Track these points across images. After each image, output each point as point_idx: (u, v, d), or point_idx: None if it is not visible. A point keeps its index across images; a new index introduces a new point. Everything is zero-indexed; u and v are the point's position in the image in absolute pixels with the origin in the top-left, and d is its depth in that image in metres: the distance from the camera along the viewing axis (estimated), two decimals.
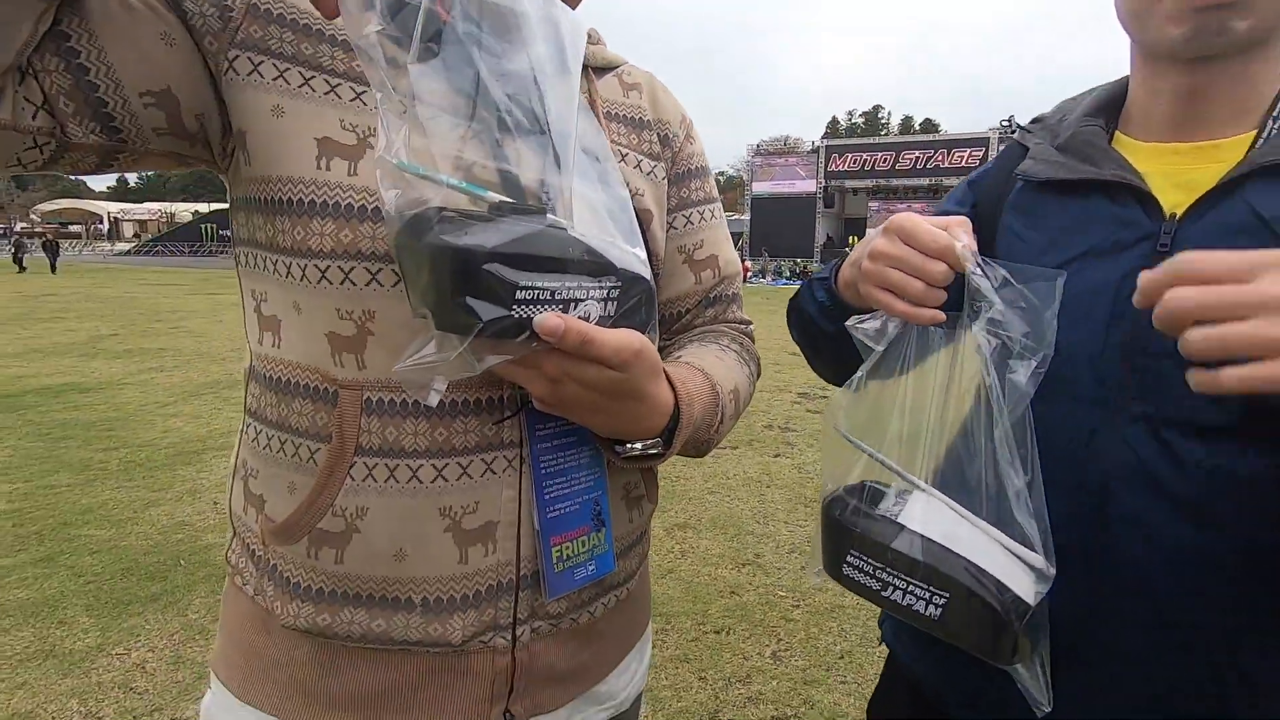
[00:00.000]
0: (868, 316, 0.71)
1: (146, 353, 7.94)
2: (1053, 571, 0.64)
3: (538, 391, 0.59)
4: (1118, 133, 0.76)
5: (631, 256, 0.58)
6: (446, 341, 0.50)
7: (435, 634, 0.64)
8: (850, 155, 33.45)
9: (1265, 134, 0.66)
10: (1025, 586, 0.63)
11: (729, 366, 0.80)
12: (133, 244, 50.67)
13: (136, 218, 64.66)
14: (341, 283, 0.61)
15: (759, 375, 0.90)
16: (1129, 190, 0.69)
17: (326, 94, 0.62)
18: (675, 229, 0.83)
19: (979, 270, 0.65)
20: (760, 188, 34.42)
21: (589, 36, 0.81)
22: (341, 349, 0.63)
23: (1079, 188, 0.72)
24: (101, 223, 64.08)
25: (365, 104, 0.63)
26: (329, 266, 0.61)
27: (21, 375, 6.53)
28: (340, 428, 0.62)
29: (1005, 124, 29.24)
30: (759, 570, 3.16)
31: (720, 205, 0.89)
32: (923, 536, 0.64)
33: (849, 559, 0.69)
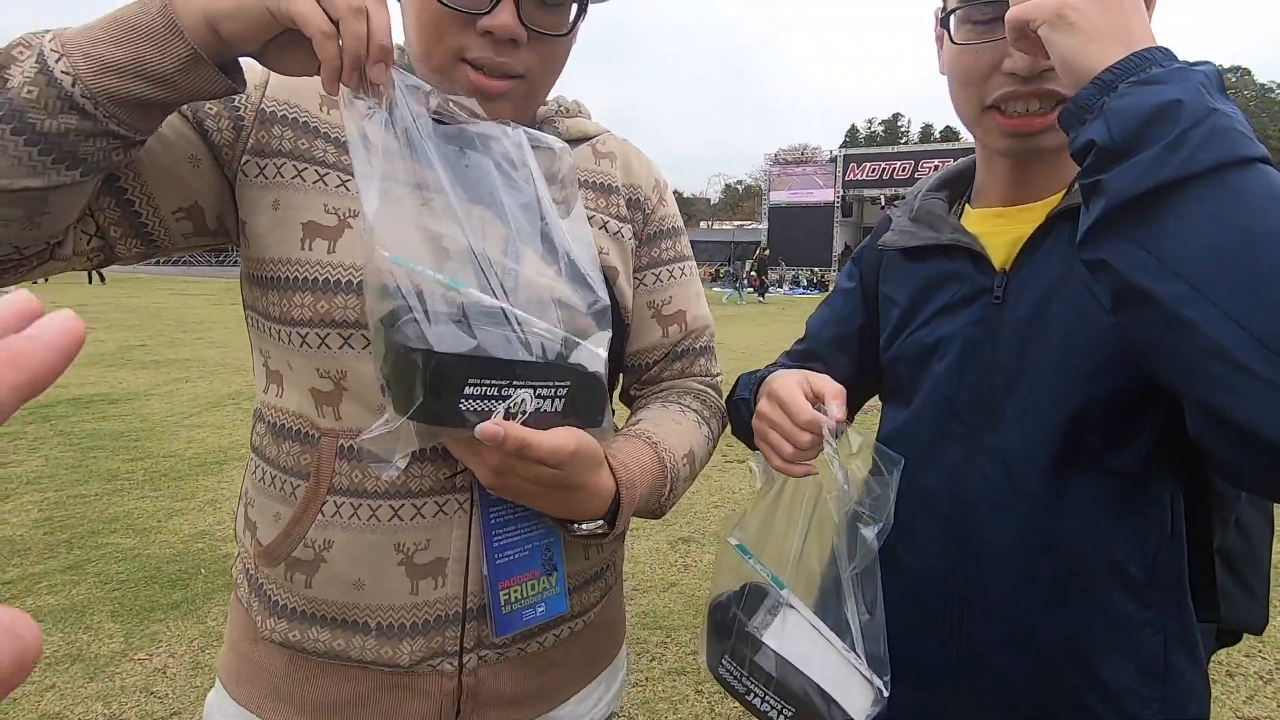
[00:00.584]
0: (759, 457, 0.85)
1: (173, 363, 8.16)
2: (887, 695, 0.74)
3: (482, 478, 0.67)
4: (967, 206, 0.87)
5: (588, 351, 0.67)
6: (395, 417, 0.59)
7: (386, 656, 0.72)
8: (869, 164, 33.29)
9: (1067, 191, 0.75)
10: (860, 705, 0.74)
11: (685, 430, 0.86)
12: None
13: None
14: (319, 347, 0.71)
15: (723, 428, 0.97)
16: (965, 252, 0.79)
17: (315, 183, 0.72)
18: (645, 285, 0.91)
19: (834, 449, 0.77)
20: (778, 197, 34.39)
21: (568, 110, 0.90)
22: (323, 402, 0.72)
23: (928, 253, 0.83)
24: None
25: (349, 189, 0.73)
26: (308, 333, 0.71)
27: (56, 386, 6.75)
28: (317, 469, 0.72)
29: None
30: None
31: (693, 264, 0.97)
32: (780, 656, 0.75)
33: (724, 662, 0.80)
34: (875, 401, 0.99)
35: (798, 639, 0.76)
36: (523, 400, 0.61)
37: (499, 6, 0.68)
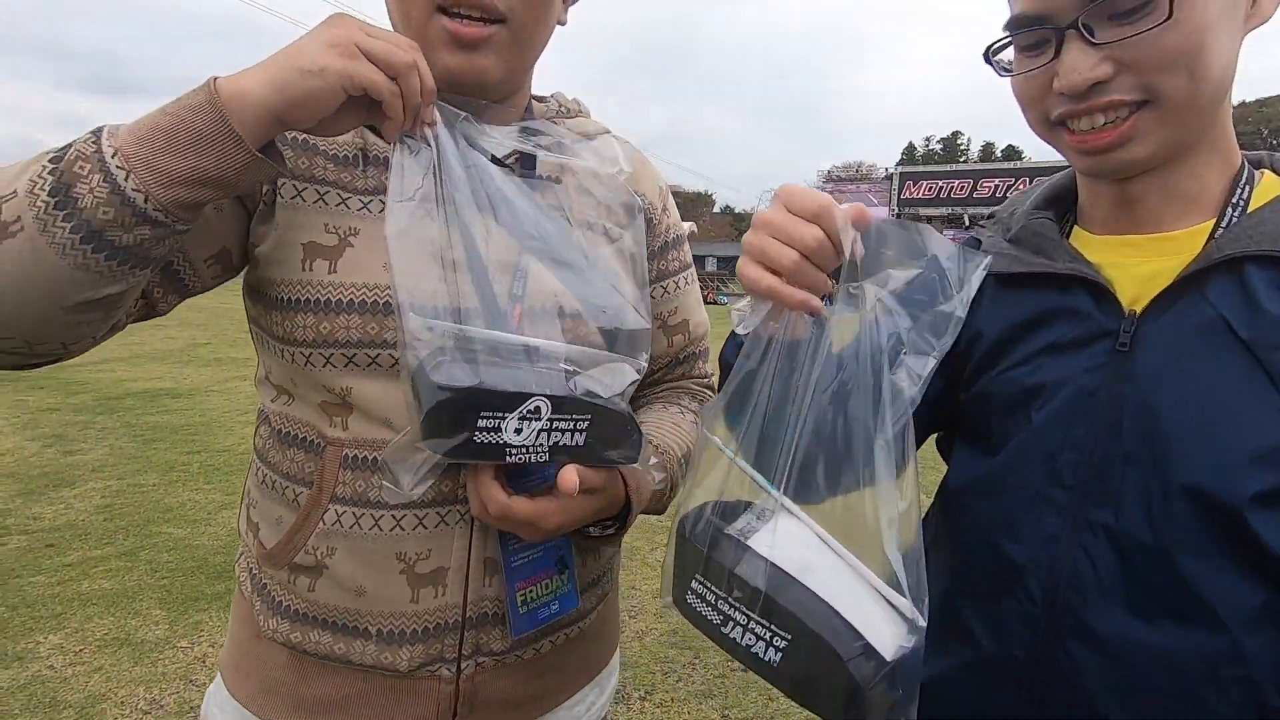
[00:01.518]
0: (743, 302, 0.64)
1: (234, 362, 8.52)
2: (922, 623, 0.56)
3: (476, 512, 0.70)
4: (1076, 226, 0.75)
5: (599, 384, 0.67)
6: (419, 441, 0.61)
7: (386, 661, 0.73)
8: (926, 182, 32.62)
9: (1225, 222, 0.64)
10: (885, 636, 0.54)
11: (684, 431, 0.87)
12: None
13: None
14: (323, 366, 0.71)
15: None
16: (1084, 284, 0.67)
17: (315, 202, 0.72)
18: (654, 298, 0.90)
19: (852, 252, 0.57)
20: None
21: (568, 109, 0.88)
22: (332, 414, 0.73)
23: (1034, 281, 0.70)
24: None
25: (349, 207, 0.73)
26: (311, 354, 0.71)
27: (124, 379, 7.12)
28: (321, 478, 0.72)
29: None
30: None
31: (693, 269, 0.97)
32: (769, 563, 0.55)
33: (693, 584, 0.60)
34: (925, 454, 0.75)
35: (797, 545, 0.57)
36: (539, 432, 0.63)
37: None
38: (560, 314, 0.71)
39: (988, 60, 0.69)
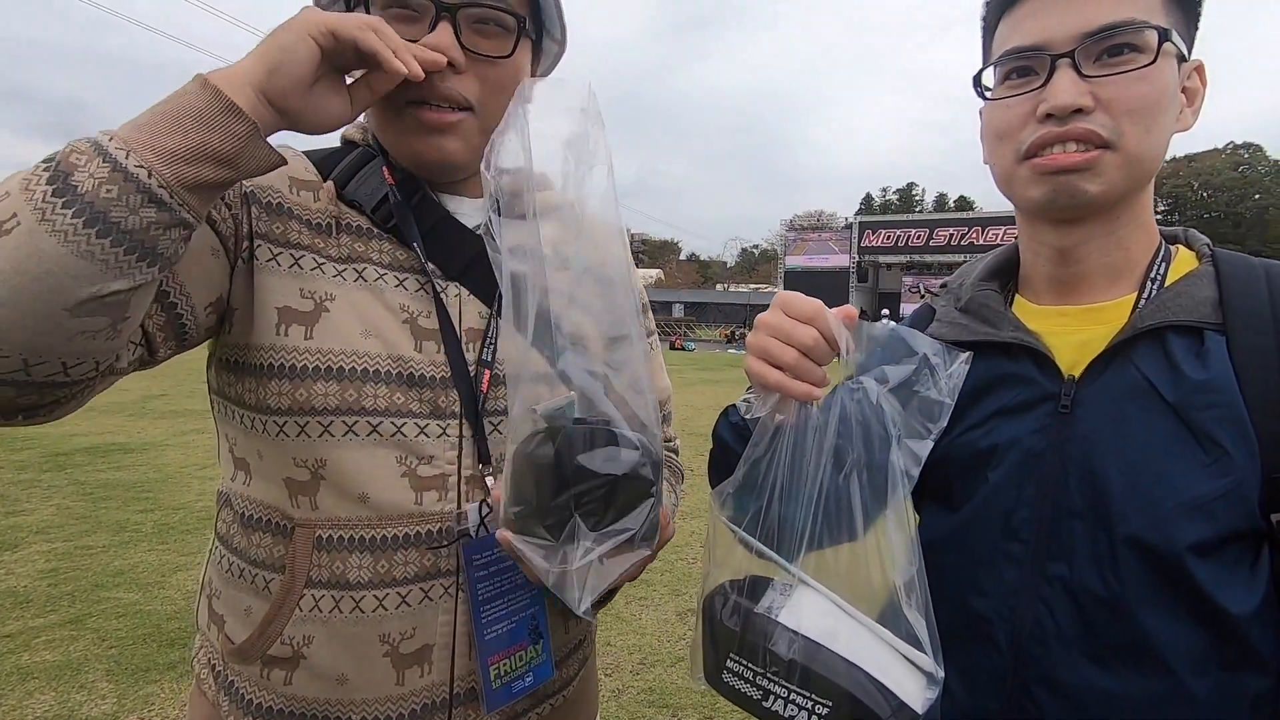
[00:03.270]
0: (749, 393, 0.70)
1: (191, 414, 8.25)
2: (942, 674, 0.61)
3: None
4: (1017, 295, 0.82)
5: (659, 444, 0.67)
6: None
7: None
8: (884, 231, 33.75)
9: (1146, 294, 0.71)
10: (912, 692, 0.59)
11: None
12: None
13: None
14: (297, 436, 0.70)
15: (682, 483, 0.99)
16: (1027, 351, 0.73)
17: (290, 267, 0.72)
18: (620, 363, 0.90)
19: (848, 349, 0.63)
20: (793, 261, 34.83)
21: (540, 181, 0.90)
22: (297, 492, 0.70)
23: (983, 349, 0.76)
24: None
25: (324, 272, 0.73)
26: (286, 422, 0.70)
27: (73, 433, 6.83)
28: (293, 562, 0.70)
29: None
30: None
31: (656, 336, 0.98)
32: (802, 636, 0.60)
33: (729, 664, 0.64)
34: None
35: (820, 616, 0.61)
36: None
37: (437, 28, 0.70)
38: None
39: (976, 86, 0.76)
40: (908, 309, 30.95)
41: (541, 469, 0.59)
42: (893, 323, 0.70)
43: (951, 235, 32.02)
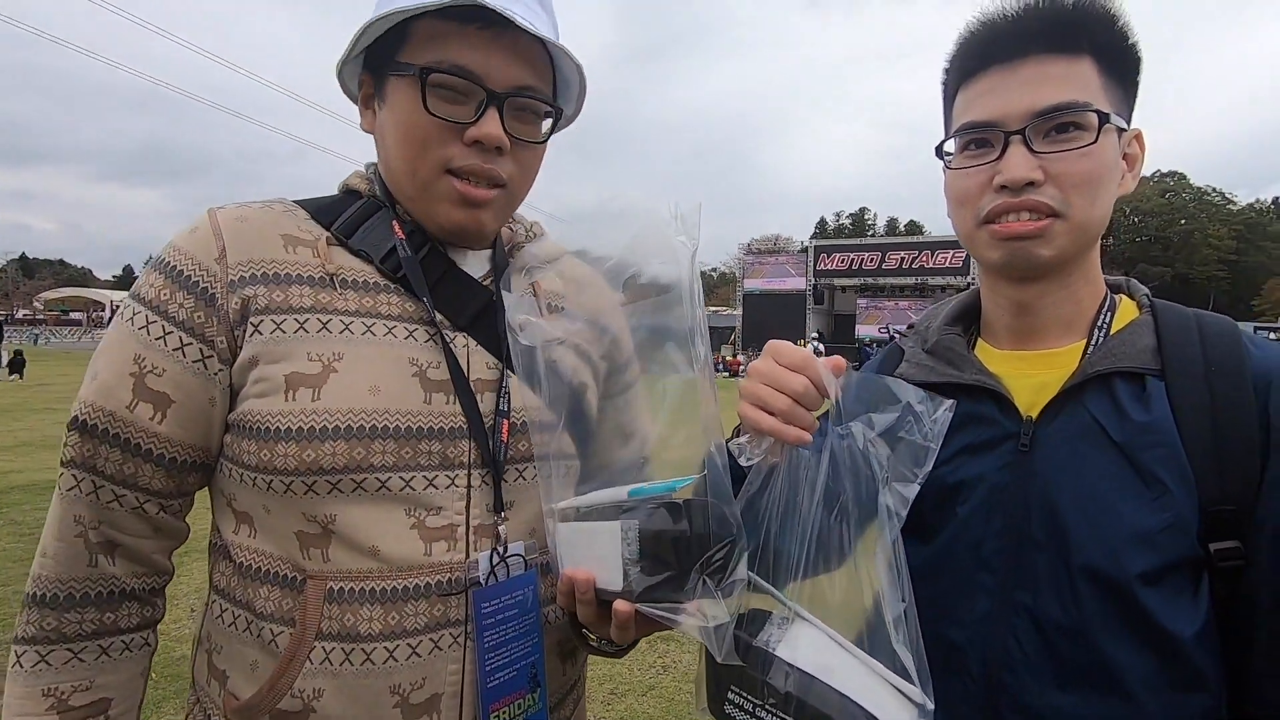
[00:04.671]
0: (744, 436, 0.74)
1: None
2: (931, 706, 0.64)
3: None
4: (979, 340, 0.88)
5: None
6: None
7: None
8: (839, 255, 34.63)
9: (1093, 342, 0.78)
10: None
11: None
12: None
13: None
14: (305, 493, 0.71)
15: None
16: (989, 393, 0.80)
17: (296, 332, 0.73)
18: (616, 408, 0.94)
19: (838, 395, 0.68)
20: (751, 284, 35.40)
21: (531, 230, 0.94)
22: (309, 545, 0.71)
23: (949, 390, 0.81)
24: (103, 310, 64.83)
25: (330, 330, 0.74)
26: (293, 481, 0.71)
27: (9, 471, 6.50)
28: (304, 614, 0.70)
29: None
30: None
31: (639, 381, 1.00)
32: (798, 669, 0.63)
33: (730, 696, 0.66)
34: None
35: (816, 650, 0.65)
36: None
37: (485, 116, 0.74)
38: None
39: (939, 153, 0.84)
40: (864, 330, 31.73)
41: (679, 541, 0.64)
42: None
43: (903, 259, 33.04)
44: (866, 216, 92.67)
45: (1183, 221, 59.31)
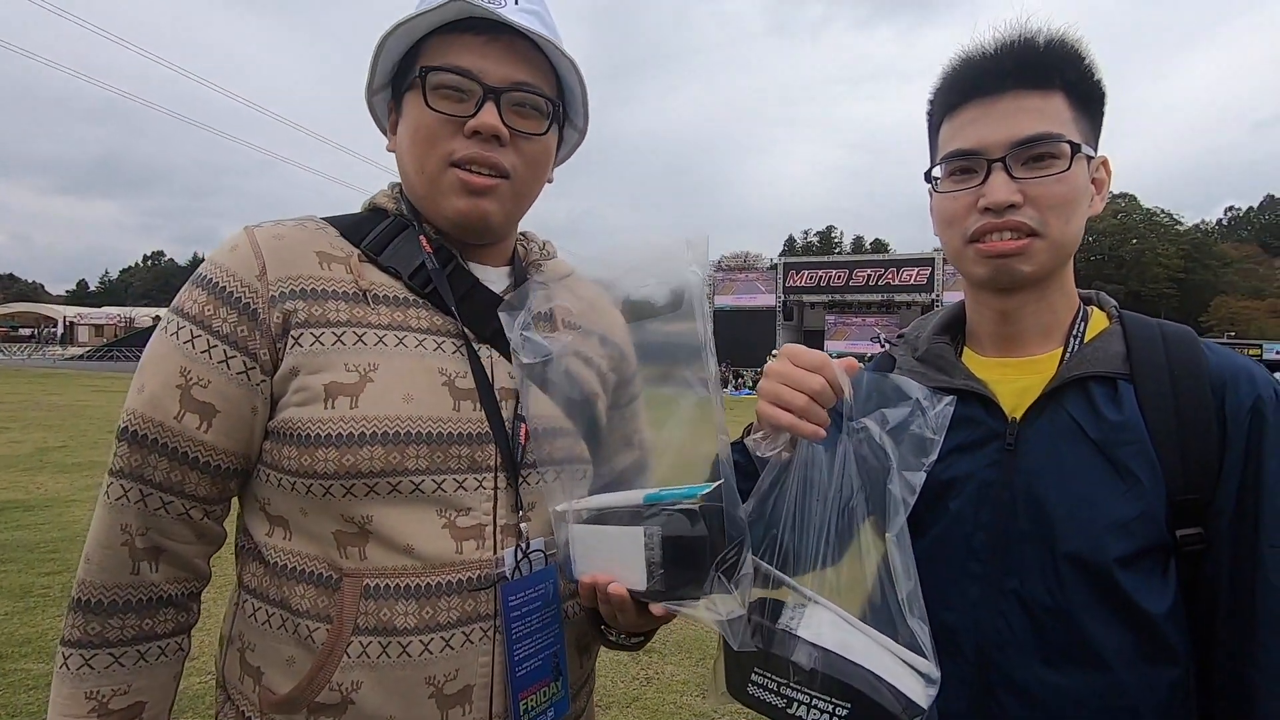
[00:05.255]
0: (759, 433, 0.79)
1: (97, 466, 7.67)
2: (938, 675, 0.70)
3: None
4: (965, 348, 0.96)
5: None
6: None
7: None
8: (807, 272, 35.25)
9: (1070, 349, 0.86)
10: (918, 691, 0.68)
11: None
12: (86, 349, 49.48)
13: (93, 322, 63.45)
14: (343, 496, 0.75)
15: None
16: (976, 397, 0.87)
17: (334, 345, 0.77)
18: (623, 418, 1.00)
19: (849, 395, 0.73)
20: (723, 300, 35.75)
21: (545, 249, 0.99)
22: (346, 544, 0.75)
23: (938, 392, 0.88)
24: (55, 326, 62.64)
25: (365, 343, 0.78)
26: (331, 484, 0.74)
27: None
28: (341, 611, 0.74)
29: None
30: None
31: (642, 393, 1.06)
32: (821, 648, 0.69)
33: (754, 678, 0.72)
34: None
35: (834, 629, 0.70)
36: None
37: (483, 108, 0.80)
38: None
39: (927, 179, 0.91)
40: (833, 346, 32.16)
41: (698, 544, 0.69)
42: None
43: (869, 275, 33.75)
44: (834, 234, 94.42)
45: (1134, 241, 61.61)
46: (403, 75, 0.85)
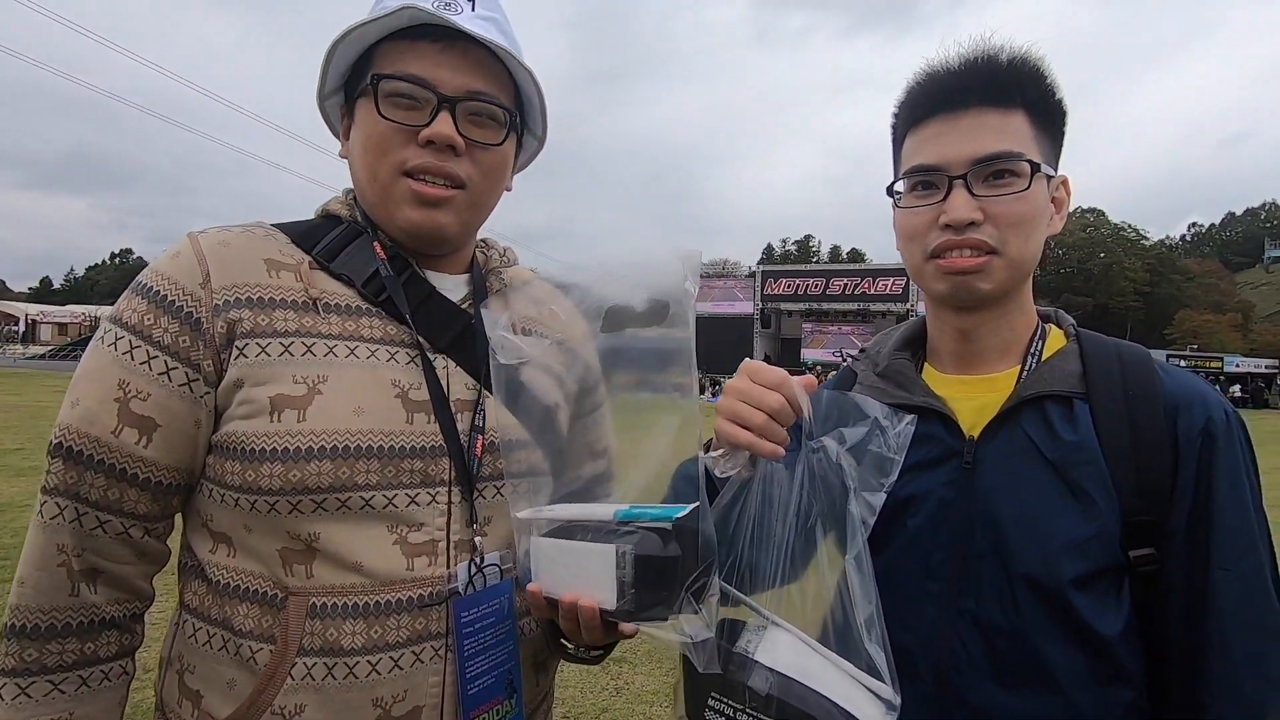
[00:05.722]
0: (718, 450, 0.78)
1: None
2: (899, 701, 0.69)
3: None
4: (926, 364, 0.96)
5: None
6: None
7: None
8: (785, 280, 35.58)
9: (1027, 368, 0.87)
10: (876, 717, 0.67)
11: None
12: (49, 348, 48.23)
13: (57, 320, 61.87)
14: (289, 513, 0.72)
15: None
16: (935, 414, 0.86)
17: (280, 355, 0.75)
18: (585, 427, 0.97)
19: (809, 414, 0.71)
20: (700, 307, 34.62)
21: (505, 255, 0.97)
22: (292, 561, 0.72)
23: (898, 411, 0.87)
24: (16, 324, 60.90)
25: (315, 354, 0.75)
26: (277, 501, 0.72)
27: None
28: (286, 631, 0.71)
29: None
30: None
31: (605, 402, 1.04)
32: (778, 673, 0.67)
33: (710, 702, 0.70)
34: None
35: (792, 653, 0.69)
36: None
37: (437, 117, 0.78)
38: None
39: (890, 192, 0.91)
40: (810, 354, 32.48)
41: (670, 565, 0.67)
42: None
43: (846, 284, 34.16)
44: (812, 243, 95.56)
45: (1102, 255, 63.14)
46: (355, 80, 0.83)
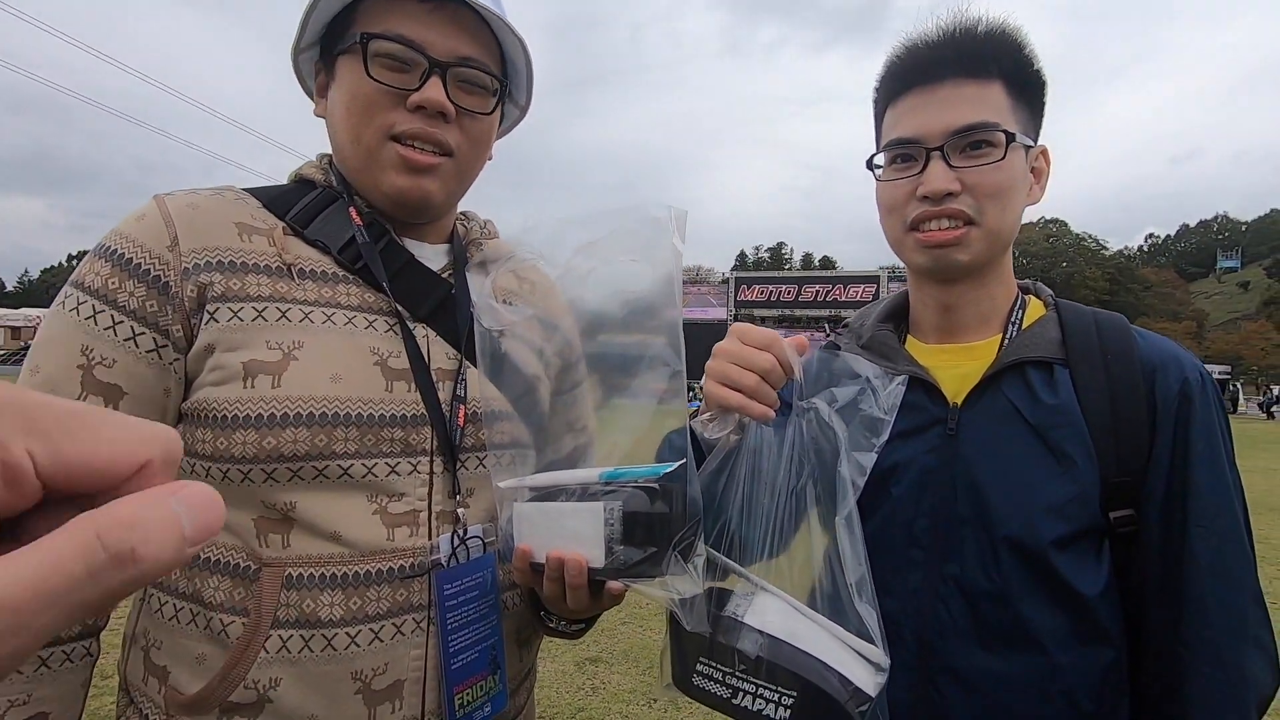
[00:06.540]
0: (706, 414, 0.77)
1: None
2: (888, 662, 0.68)
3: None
4: (909, 336, 0.97)
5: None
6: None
7: None
8: (758, 286, 35.89)
9: (1008, 336, 0.88)
10: (867, 679, 0.67)
11: None
12: (1, 352, 46.54)
13: (10, 324, 59.74)
14: (264, 481, 0.69)
15: None
16: (919, 382, 0.87)
17: (254, 320, 0.72)
18: (565, 405, 0.96)
19: (799, 373, 0.71)
20: None
21: (485, 228, 0.95)
22: (267, 531, 0.70)
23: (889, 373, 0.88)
24: None
25: (289, 319, 0.73)
26: (251, 469, 0.69)
27: None
28: (260, 603, 0.68)
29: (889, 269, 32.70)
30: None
31: (586, 380, 1.03)
32: (767, 635, 0.67)
33: (699, 668, 0.69)
34: None
35: (782, 617, 0.68)
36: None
37: (428, 82, 0.76)
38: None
39: (869, 165, 0.92)
40: None
41: (659, 521, 0.66)
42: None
43: (818, 292, 34.59)
44: (784, 250, 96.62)
45: (1064, 264, 65.00)
46: (334, 36, 0.80)
